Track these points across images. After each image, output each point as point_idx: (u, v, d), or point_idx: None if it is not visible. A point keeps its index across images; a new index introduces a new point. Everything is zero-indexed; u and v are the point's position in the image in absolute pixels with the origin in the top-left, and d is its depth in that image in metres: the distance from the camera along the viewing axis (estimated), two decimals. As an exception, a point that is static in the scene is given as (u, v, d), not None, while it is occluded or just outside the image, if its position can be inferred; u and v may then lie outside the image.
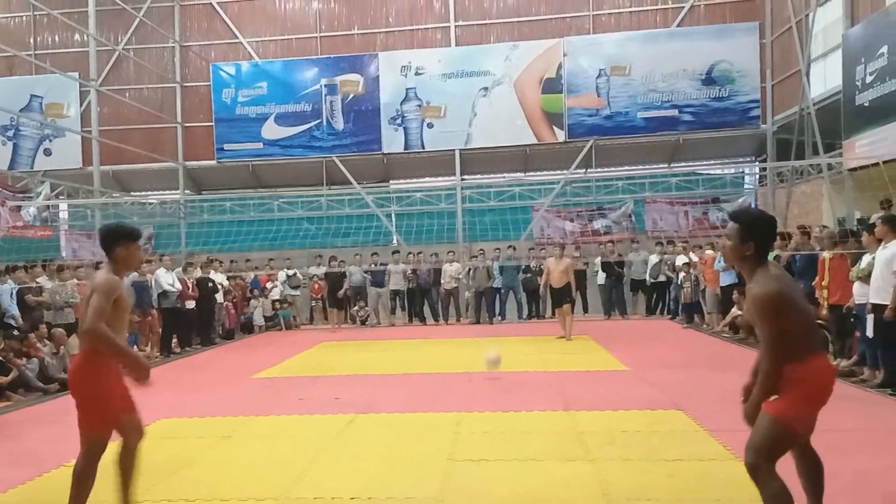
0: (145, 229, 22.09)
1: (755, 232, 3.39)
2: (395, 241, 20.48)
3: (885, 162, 12.06)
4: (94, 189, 19.16)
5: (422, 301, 17.23)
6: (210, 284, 14.23)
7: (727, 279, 12.75)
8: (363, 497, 4.67)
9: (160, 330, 13.06)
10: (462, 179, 21.35)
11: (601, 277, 16.85)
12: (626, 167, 21.73)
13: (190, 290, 13.44)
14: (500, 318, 17.01)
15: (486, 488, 4.79)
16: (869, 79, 13.90)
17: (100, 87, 20.10)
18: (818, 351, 3.43)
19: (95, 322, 3.95)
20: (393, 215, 21.06)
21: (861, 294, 7.99)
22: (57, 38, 22.67)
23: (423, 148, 21.23)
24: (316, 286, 17.68)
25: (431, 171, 22.26)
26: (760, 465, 3.52)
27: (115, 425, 4.28)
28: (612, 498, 4.55)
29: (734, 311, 12.47)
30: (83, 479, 4.24)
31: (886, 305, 7.34)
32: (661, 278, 16.27)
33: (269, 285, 17.29)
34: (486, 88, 20.81)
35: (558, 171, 21.19)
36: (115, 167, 21.85)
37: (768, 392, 3.45)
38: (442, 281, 16.79)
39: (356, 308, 17.15)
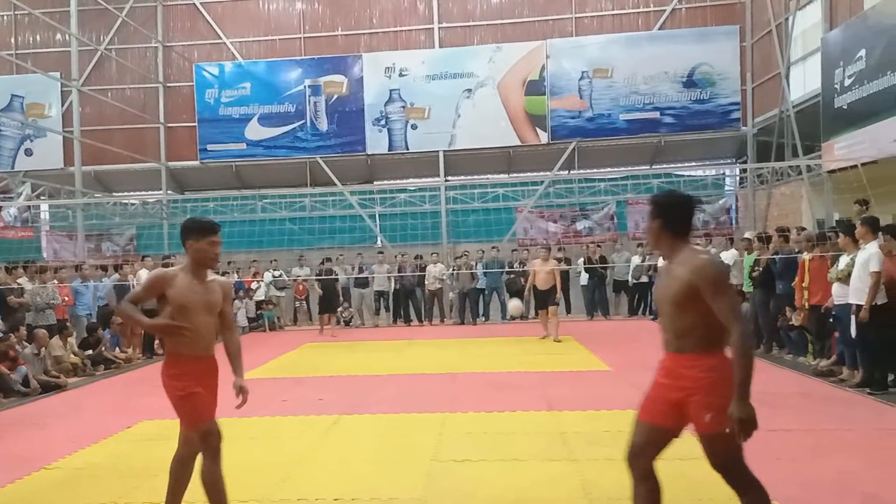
0: (127, 230, 22.01)
1: (664, 209, 3.36)
2: (379, 242, 20.48)
3: (863, 164, 12.21)
4: (76, 189, 19.00)
5: (406, 302, 17.24)
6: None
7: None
8: (346, 498, 4.69)
9: (142, 331, 12.97)
10: (446, 180, 21.37)
11: (584, 278, 16.94)
12: (609, 168, 21.86)
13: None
14: (483, 319, 17.06)
15: (469, 489, 4.82)
16: (847, 82, 14.07)
17: (82, 88, 19.95)
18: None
19: (123, 300, 4.05)
20: (377, 216, 21.06)
21: (840, 295, 8.09)
22: (38, 38, 22.49)
23: (407, 149, 21.25)
24: (300, 287, 17.64)
25: (415, 172, 22.27)
26: (736, 479, 3.39)
27: (206, 421, 4.13)
28: (594, 497, 4.60)
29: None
30: (176, 474, 4.29)
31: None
32: (644, 279, 16.38)
33: (253, 286, 17.24)
34: (469, 90, 20.85)
35: (541, 173, 21.28)
36: (97, 168, 21.70)
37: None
38: (426, 282, 16.82)
39: (340, 309, 17.14)
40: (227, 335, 4.20)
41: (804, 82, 17.14)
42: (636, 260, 16.56)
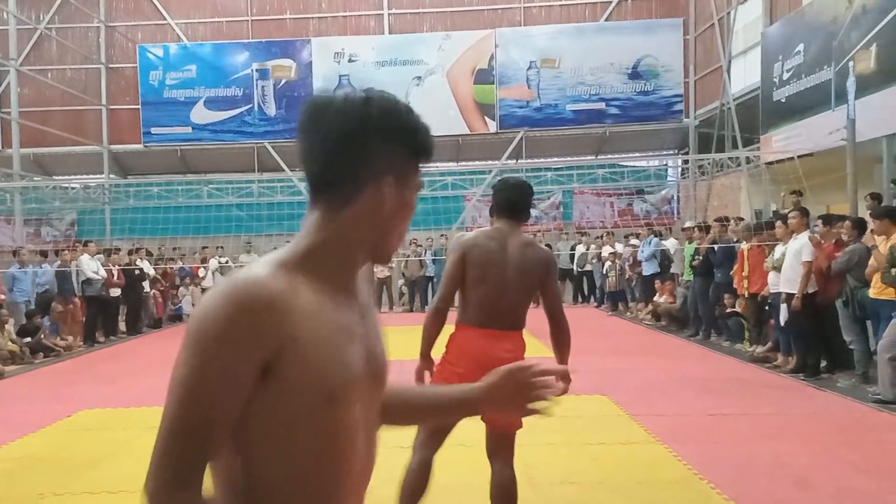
0: (67, 215, 21.43)
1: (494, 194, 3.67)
2: (327, 229, 20.33)
3: (799, 157, 12.61)
4: (14, 172, 18.42)
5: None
6: (137, 272, 13.90)
7: (649, 269, 13.16)
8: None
9: (83, 318, 12.70)
10: (395, 168, 21.28)
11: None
12: (555, 158, 22.11)
13: (115, 277, 13.12)
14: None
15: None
16: (786, 76, 14.47)
17: (20, 67, 19.29)
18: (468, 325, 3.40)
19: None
20: (325, 203, 20.89)
21: (775, 283, 8.36)
22: (-28, 15, 21.68)
23: (357, 136, 21.08)
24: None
25: (364, 159, 22.11)
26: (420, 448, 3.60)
27: None
28: (536, 482, 4.68)
29: (657, 298, 12.89)
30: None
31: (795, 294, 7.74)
32: (588, 267, 16.65)
33: (201, 273, 16.97)
34: (419, 77, 20.82)
35: (490, 161, 21.39)
36: (36, 150, 21.00)
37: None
38: (374, 269, 16.78)
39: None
40: None
41: (744, 76, 17.57)
42: (581, 248, 16.81)
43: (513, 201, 3.61)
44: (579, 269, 16.88)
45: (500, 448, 3.54)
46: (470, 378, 2.97)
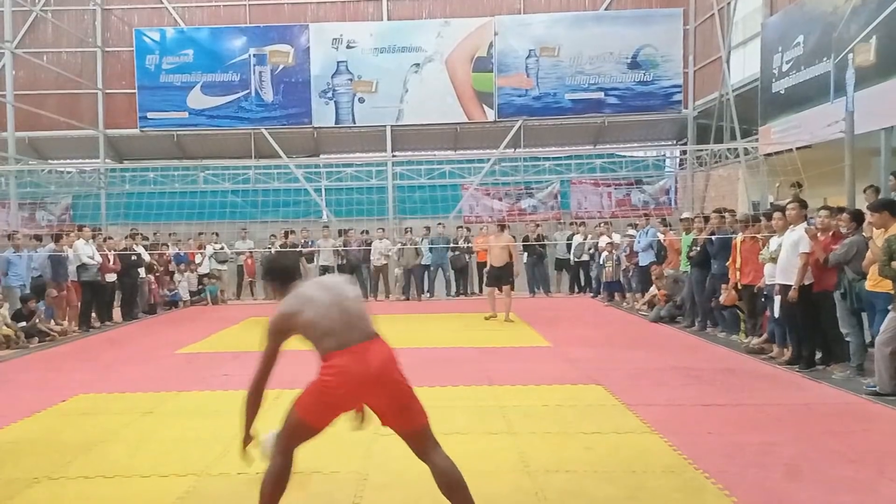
0: (63, 199, 21.37)
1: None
2: (324, 217, 20.32)
3: (797, 148, 12.59)
4: (9, 156, 18.32)
5: (351, 277, 17.08)
6: (133, 258, 13.87)
7: (646, 259, 13.16)
8: (287, 471, 4.70)
9: (78, 304, 12.66)
10: (393, 156, 21.29)
11: (525, 256, 17.12)
12: (553, 148, 22.08)
13: (111, 262, 13.08)
14: (428, 296, 17.14)
15: (409, 462, 4.86)
16: (785, 67, 14.45)
17: (15, 50, 19.16)
18: (344, 349, 3.47)
19: None
20: (323, 190, 20.87)
21: (771, 275, 8.36)
22: (-33, -3, 21.50)
23: (354, 123, 21.07)
24: (249, 262, 17.41)
25: (362, 147, 22.12)
26: (277, 443, 3.65)
27: None
28: (531, 470, 4.71)
29: (652, 289, 12.90)
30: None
31: (791, 286, 7.73)
32: (585, 257, 16.65)
33: (197, 259, 16.93)
34: (417, 65, 20.75)
35: (488, 150, 21.36)
36: (31, 134, 20.91)
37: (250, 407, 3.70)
38: (372, 257, 16.77)
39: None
40: None
41: (744, 67, 17.55)
42: (578, 238, 16.79)
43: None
44: (576, 259, 16.86)
45: (423, 443, 3.63)
46: (353, 397, 3.47)
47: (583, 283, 17.03)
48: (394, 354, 3.65)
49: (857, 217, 7.78)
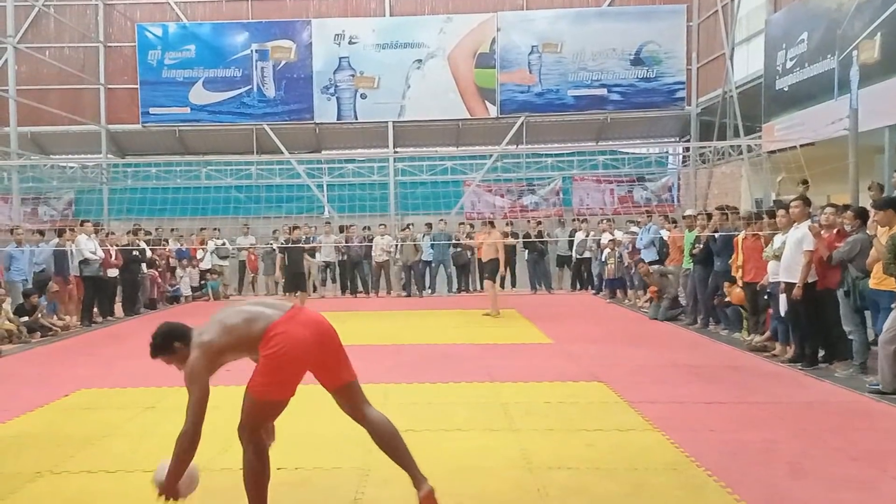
0: (65, 194, 21.37)
1: (160, 349, 3.93)
2: (326, 213, 20.31)
3: (801, 146, 12.55)
4: (12, 151, 18.33)
5: (353, 273, 17.15)
6: (135, 253, 13.87)
7: (648, 256, 13.14)
8: (290, 468, 4.71)
9: (81, 298, 12.67)
10: (395, 152, 21.27)
11: (525, 253, 17.13)
12: (556, 144, 22.05)
13: (113, 257, 13.09)
14: (429, 292, 17.14)
15: (411, 458, 4.89)
16: (789, 64, 14.41)
17: (17, 45, 19.17)
18: (273, 323, 3.58)
19: None
20: (325, 186, 20.86)
21: (775, 272, 8.33)
22: (-30, -8, 21.50)
23: (356, 119, 21.06)
24: (252, 257, 17.41)
25: (364, 143, 22.10)
26: (243, 437, 3.73)
27: None
28: (533, 466, 4.70)
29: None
30: None
31: (796, 284, 7.71)
32: (587, 254, 16.63)
33: (199, 254, 16.93)
34: (419, 60, 20.72)
35: (490, 146, 21.33)
36: (34, 129, 20.94)
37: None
38: (373, 253, 16.77)
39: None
40: None
41: (747, 63, 17.50)
42: (580, 235, 16.77)
43: (172, 329, 3.95)
44: (578, 256, 16.85)
45: (356, 397, 3.81)
46: (304, 354, 3.54)
47: (584, 280, 17.03)
48: (322, 315, 3.76)
49: (862, 214, 7.73)
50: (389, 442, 3.69)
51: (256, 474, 3.67)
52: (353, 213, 18.92)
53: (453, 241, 16.95)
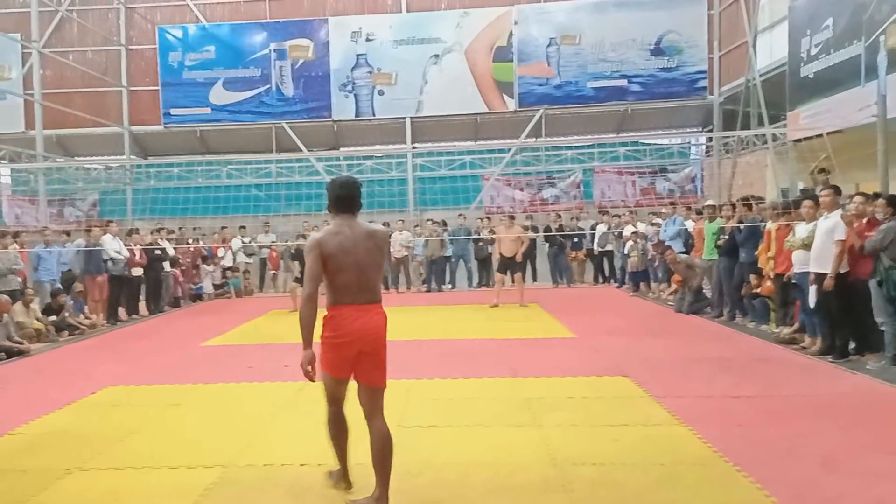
0: (90, 195, 21.61)
1: (328, 192, 4.20)
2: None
3: (828, 133, 12.35)
4: (37, 154, 18.57)
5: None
6: (158, 252, 13.98)
7: (675, 248, 12.98)
8: (313, 463, 4.70)
9: (107, 297, 12.77)
10: (413, 147, 21.25)
11: (546, 246, 17.03)
12: (576, 136, 21.91)
13: (137, 257, 13.19)
14: (450, 287, 17.09)
15: (434, 454, 4.86)
16: (814, 51, 14.16)
17: (42, 49, 19.42)
18: (347, 306, 3.94)
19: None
20: (343, 183, 20.84)
21: (803, 263, 8.16)
22: (-4, -2, 21.81)
23: (374, 115, 21.07)
24: (273, 254, 17.48)
25: (382, 139, 22.11)
26: (328, 405, 4.14)
27: None
28: (558, 462, 4.65)
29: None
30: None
31: (826, 274, 7.56)
32: (609, 247, 16.48)
33: (220, 252, 17.02)
34: (437, 56, 20.68)
35: (508, 140, 21.24)
36: (59, 131, 21.22)
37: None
38: (392, 249, 16.75)
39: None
40: None
41: (771, 51, 17.25)
42: (602, 228, 16.62)
43: (343, 198, 4.15)
44: (600, 249, 16.70)
45: (376, 403, 4.04)
46: (349, 349, 3.89)
47: (607, 274, 16.89)
48: (384, 321, 4.05)
49: (894, 202, 7.54)
50: (384, 458, 3.97)
51: (332, 437, 4.20)
52: (371, 209, 18.92)
53: (474, 236, 16.88)
